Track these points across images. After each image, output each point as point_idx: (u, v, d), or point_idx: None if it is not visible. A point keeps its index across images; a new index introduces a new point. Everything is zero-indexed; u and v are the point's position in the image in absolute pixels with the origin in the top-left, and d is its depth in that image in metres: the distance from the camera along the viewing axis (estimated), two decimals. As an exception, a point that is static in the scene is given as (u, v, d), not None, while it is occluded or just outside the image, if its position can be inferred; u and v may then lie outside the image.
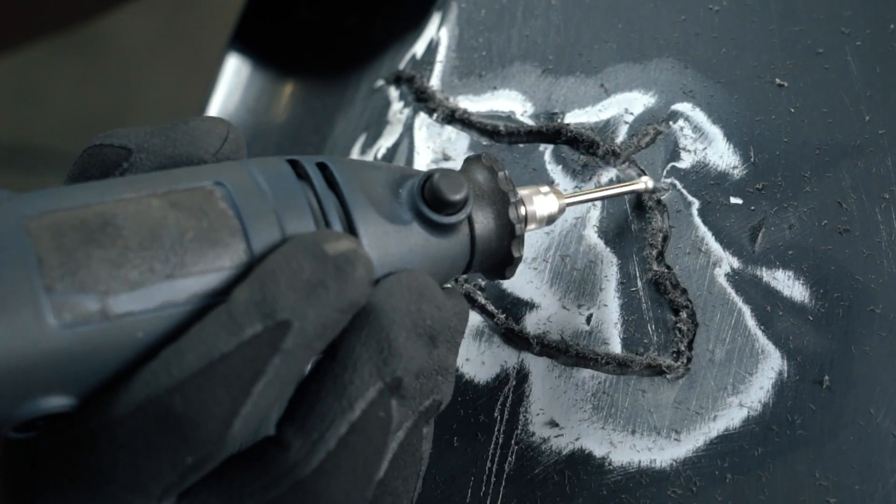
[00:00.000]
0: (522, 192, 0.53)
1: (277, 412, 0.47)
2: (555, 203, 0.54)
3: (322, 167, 0.48)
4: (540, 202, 0.54)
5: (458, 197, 0.49)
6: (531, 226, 0.54)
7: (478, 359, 0.60)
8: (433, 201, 0.49)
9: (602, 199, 0.61)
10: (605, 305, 0.60)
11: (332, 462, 0.45)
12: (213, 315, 0.43)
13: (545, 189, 0.54)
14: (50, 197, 0.44)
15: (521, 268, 0.61)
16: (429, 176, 0.49)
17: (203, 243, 0.44)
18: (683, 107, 0.63)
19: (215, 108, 0.87)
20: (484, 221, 0.51)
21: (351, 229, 0.47)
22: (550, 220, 0.54)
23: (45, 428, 0.44)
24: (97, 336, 0.43)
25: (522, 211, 0.53)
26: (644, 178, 0.60)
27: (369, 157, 0.70)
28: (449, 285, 0.56)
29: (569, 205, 0.56)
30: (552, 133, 0.64)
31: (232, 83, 0.88)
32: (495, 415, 0.59)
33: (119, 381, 0.43)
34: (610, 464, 0.57)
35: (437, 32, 0.70)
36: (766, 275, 0.58)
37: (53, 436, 0.44)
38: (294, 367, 0.44)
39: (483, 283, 0.62)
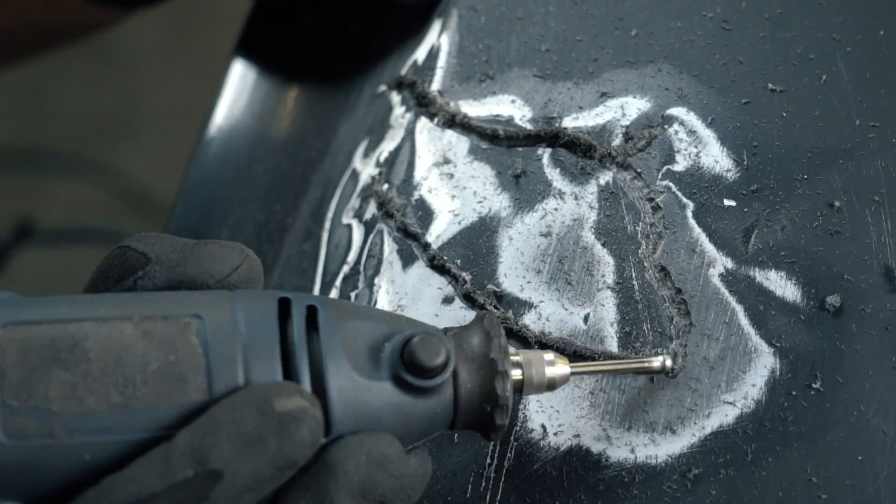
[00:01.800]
0: (525, 356, 0.53)
1: None
2: (557, 371, 0.53)
3: (311, 310, 0.48)
4: (540, 368, 0.53)
5: (434, 364, 0.48)
6: (529, 391, 0.53)
7: (477, 357, 0.61)
8: (410, 365, 0.48)
9: (611, 373, 0.58)
10: (602, 305, 0.60)
11: None
12: (152, 453, 0.44)
13: (549, 356, 0.53)
14: (30, 308, 0.45)
15: (520, 269, 0.62)
16: (409, 338, 0.49)
17: (164, 377, 0.45)
18: (678, 111, 0.63)
19: (221, 113, 0.87)
20: (469, 386, 0.50)
21: (320, 381, 0.47)
22: (551, 386, 0.53)
23: None
24: (45, 453, 0.44)
25: (518, 375, 0.52)
26: (661, 358, 0.57)
27: (372, 161, 0.71)
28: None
29: (574, 374, 0.54)
30: (550, 137, 0.64)
31: (238, 89, 0.88)
32: (494, 412, 0.60)
33: (65, 498, 0.44)
34: (607, 459, 0.57)
35: (438, 39, 0.71)
36: (758, 275, 0.59)
37: None
38: None
39: (486, 285, 0.63)
